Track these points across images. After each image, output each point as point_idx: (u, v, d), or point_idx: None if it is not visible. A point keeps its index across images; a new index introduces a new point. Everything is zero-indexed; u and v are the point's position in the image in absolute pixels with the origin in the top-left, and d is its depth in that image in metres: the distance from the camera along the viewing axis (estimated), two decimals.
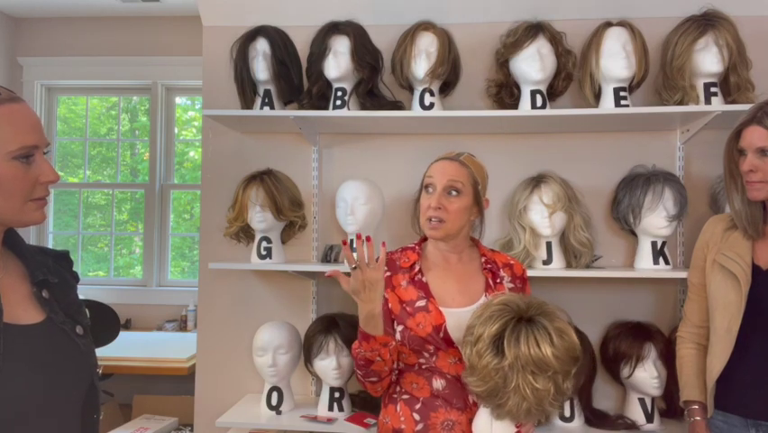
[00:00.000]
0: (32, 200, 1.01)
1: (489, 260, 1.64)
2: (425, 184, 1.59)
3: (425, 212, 1.56)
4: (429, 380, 1.52)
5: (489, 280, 1.60)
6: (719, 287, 1.60)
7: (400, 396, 1.55)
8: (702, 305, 1.70)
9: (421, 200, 1.60)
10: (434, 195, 1.55)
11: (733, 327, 1.54)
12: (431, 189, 1.57)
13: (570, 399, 2.03)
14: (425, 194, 1.58)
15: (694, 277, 1.72)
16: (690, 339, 1.73)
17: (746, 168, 1.51)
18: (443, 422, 1.48)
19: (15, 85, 4.29)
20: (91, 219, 4.53)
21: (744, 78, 2.05)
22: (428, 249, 1.64)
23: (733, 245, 1.61)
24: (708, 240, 1.69)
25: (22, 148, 0.98)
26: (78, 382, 1.06)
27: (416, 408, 1.52)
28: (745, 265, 1.56)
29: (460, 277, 1.59)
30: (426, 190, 1.58)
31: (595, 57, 2.08)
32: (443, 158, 1.61)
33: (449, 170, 1.56)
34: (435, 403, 1.50)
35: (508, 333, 1.35)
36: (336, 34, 2.18)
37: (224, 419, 2.11)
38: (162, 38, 4.23)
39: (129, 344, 3.39)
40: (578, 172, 2.22)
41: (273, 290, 2.38)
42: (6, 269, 1.05)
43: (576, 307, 2.21)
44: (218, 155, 2.42)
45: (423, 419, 1.50)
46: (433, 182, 1.57)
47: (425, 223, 1.56)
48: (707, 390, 1.62)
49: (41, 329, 1.03)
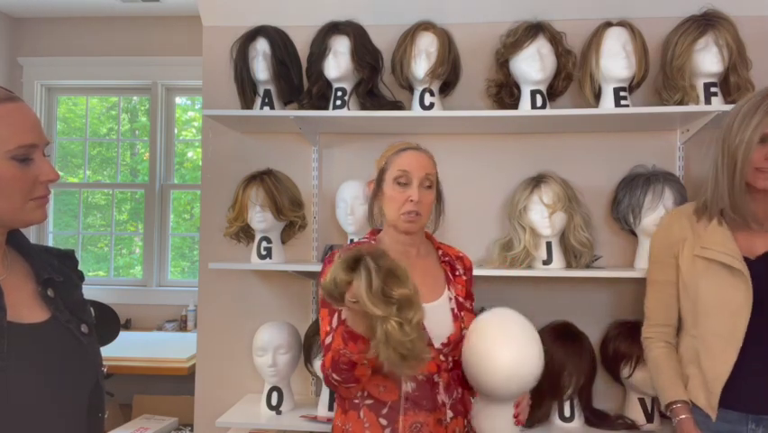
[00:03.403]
0: (32, 199, 1.01)
1: (445, 253, 1.62)
2: (397, 176, 1.50)
3: (400, 205, 1.49)
4: (398, 382, 1.44)
5: (447, 273, 1.58)
6: (714, 284, 1.55)
7: (363, 401, 1.46)
8: (670, 303, 1.66)
9: (391, 193, 1.51)
10: (412, 188, 1.49)
11: (740, 325, 1.50)
12: (403, 181, 1.49)
13: (570, 399, 2.03)
14: (396, 186, 1.50)
15: (660, 274, 1.67)
16: (659, 338, 1.69)
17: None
18: (412, 425, 1.42)
19: (15, 85, 4.28)
20: (91, 219, 4.53)
21: (744, 78, 2.05)
22: (385, 243, 1.55)
23: (716, 239, 1.55)
24: (679, 235, 1.63)
25: (21, 147, 0.98)
26: (84, 380, 1.06)
27: (383, 412, 1.44)
28: (739, 258, 1.52)
29: (421, 271, 1.51)
30: (398, 182, 1.50)
31: (595, 57, 2.08)
32: (410, 148, 1.54)
33: (424, 163, 1.52)
34: (404, 406, 1.43)
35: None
36: (336, 34, 2.18)
37: (223, 419, 2.11)
38: (162, 38, 4.23)
39: (129, 344, 3.39)
40: (578, 172, 2.22)
41: (273, 290, 2.38)
42: (11, 268, 1.05)
43: (576, 307, 2.22)
44: (218, 155, 2.42)
45: (390, 423, 1.43)
46: (407, 175, 1.50)
47: (400, 216, 1.49)
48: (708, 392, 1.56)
49: (46, 328, 1.03)
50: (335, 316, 1.42)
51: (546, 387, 2.01)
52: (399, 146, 1.56)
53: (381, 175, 1.54)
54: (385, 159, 1.55)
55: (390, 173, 1.52)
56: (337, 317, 1.41)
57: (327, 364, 1.38)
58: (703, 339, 1.57)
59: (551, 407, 2.05)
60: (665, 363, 1.65)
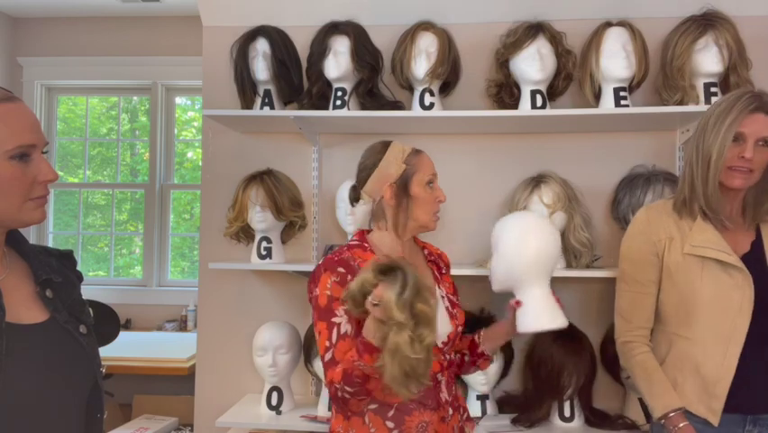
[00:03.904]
0: (31, 199, 1.01)
1: (430, 252, 1.63)
2: (430, 180, 1.52)
3: (432, 206, 1.52)
4: None
5: (434, 272, 1.59)
6: (711, 283, 1.50)
7: (367, 406, 1.44)
8: (649, 304, 1.59)
9: (424, 195, 1.51)
10: (438, 188, 1.53)
11: (741, 325, 1.47)
12: (432, 184, 1.53)
13: (570, 399, 2.03)
14: (428, 188, 1.52)
15: (641, 274, 1.59)
16: (641, 342, 1.60)
17: (748, 155, 1.44)
18: (418, 425, 1.43)
19: (15, 85, 4.28)
20: (91, 219, 4.53)
21: (744, 78, 2.05)
22: (374, 244, 1.54)
23: (707, 237, 1.52)
24: (663, 233, 1.57)
25: (19, 147, 0.98)
26: (82, 381, 1.06)
27: (389, 415, 1.43)
28: (734, 254, 1.49)
29: None
30: (429, 185, 1.52)
31: (595, 57, 2.08)
32: (419, 151, 1.56)
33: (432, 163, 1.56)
34: (410, 407, 1.43)
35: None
36: (336, 34, 2.18)
37: (223, 419, 2.11)
38: (162, 38, 4.23)
39: (129, 344, 3.39)
40: (578, 172, 2.22)
41: (273, 290, 2.38)
42: (10, 268, 1.05)
43: (576, 307, 2.22)
44: (218, 155, 2.42)
45: (397, 425, 1.43)
46: (435, 177, 1.54)
47: (433, 216, 1.53)
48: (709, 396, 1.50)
49: (45, 329, 1.03)
50: (335, 330, 1.39)
51: (546, 387, 2.01)
52: (407, 147, 1.55)
53: (408, 179, 1.51)
54: (404, 162, 1.52)
55: (420, 176, 1.51)
56: (336, 332, 1.38)
57: (337, 378, 1.34)
58: (702, 341, 1.51)
59: (551, 407, 2.05)
60: (654, 368, 1.57)
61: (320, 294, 1.43)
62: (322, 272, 1.45)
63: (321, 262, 1.48)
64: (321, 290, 1.43)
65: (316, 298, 1.44)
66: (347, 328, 1.38)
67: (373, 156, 1.55)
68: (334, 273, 1.43)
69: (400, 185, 1.51)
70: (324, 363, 1.39)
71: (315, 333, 1.44)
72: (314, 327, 1.51)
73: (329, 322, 1.40)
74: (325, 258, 1.49)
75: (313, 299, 1.45)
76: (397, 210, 1.51)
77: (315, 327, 1.43)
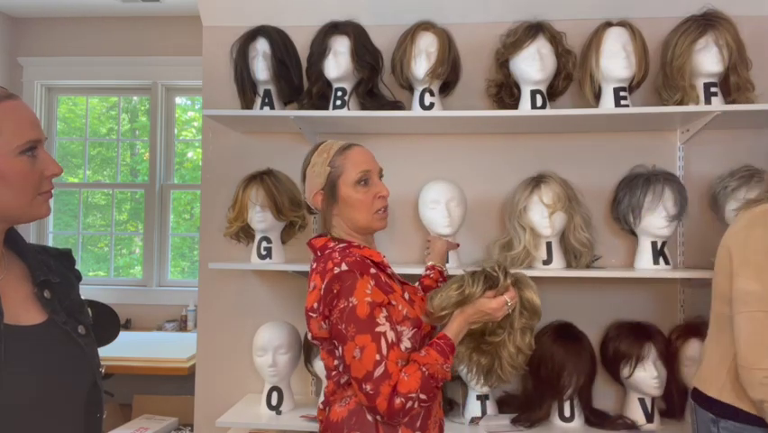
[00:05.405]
0: (39, 194, 1.02)
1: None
2: (359, 178, 1.41)
3: (373, 203, 1.41)
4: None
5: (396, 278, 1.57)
6: None
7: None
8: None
9: (357, 196, 1.41)
10: (375, 183, 1.44)
11: None
12: (366, 181, 1.42)
13: (570, 399, 2.03)
14: (361, 187, 1.41)
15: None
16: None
17: None
18: (438, 423, 1.45)
19: (15, 85, 4.28)
20: (91, 219, 4.53)
21: (744, 77, 2.05)
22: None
23: None
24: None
25: (28, 142, 1.00)
26: (81, 381, 1.06)
27: (417, 425, 1.36)
28: None
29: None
30: (361, 183, 1.41)
31: (595, 57, 2.08)
32: (352, 145, 1.46)
33: (371, 155, 1.46)
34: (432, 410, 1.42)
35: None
36: (336, 34, 2.18)
37: (223, 419, 2.11)
38: (162, 38, 4.23)
39: (129, 344, 3.39)
40: (578, 172, 2.22)
41: (273, 290, 2.38)
42: (8, 269, 1.05)
43: (576, 307, 2.22)
44: (218, 155, 2.42)
45: (422, 428, 1.37)
46: (368, 172, 1.43)
47: (375, 215, 1.42)
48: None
49: (43, 330, 1.03)
50: (382, 341, 1.26)
51: (546, 387, 2.01)
52: (334, 146, 1.45)
53: (335, 182, 1.41)
54: (328, 165, 1.41)
55: (348, 176, 1.41)
56: (385, 342, 1.26)
57: (414, 387, 1.23)
58: None
59: (551, 407, 2.05)
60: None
61: (359, 303, 1.27)
62: (357, 278, 1.29)
63: (346, 270, 1.31)
64: (359, 298, 1.27)
65: (352, 309, 1.27)
66: (392, 336, 1.28)
67: (304, 163, 1.48)
68: (370, 276, 1.32)
69: (328, 191, 1.42)
70: (372, 379, 1.24)
71: (347, 350, 1.27)
72: (340, 343, 1.30)
73: (373, 333, 1.26)
74: (346, 262, 1.33)
75: (344, 310, 1.27)
76: (333, 217, 1.43)
77: (350, 343, 1.26)
